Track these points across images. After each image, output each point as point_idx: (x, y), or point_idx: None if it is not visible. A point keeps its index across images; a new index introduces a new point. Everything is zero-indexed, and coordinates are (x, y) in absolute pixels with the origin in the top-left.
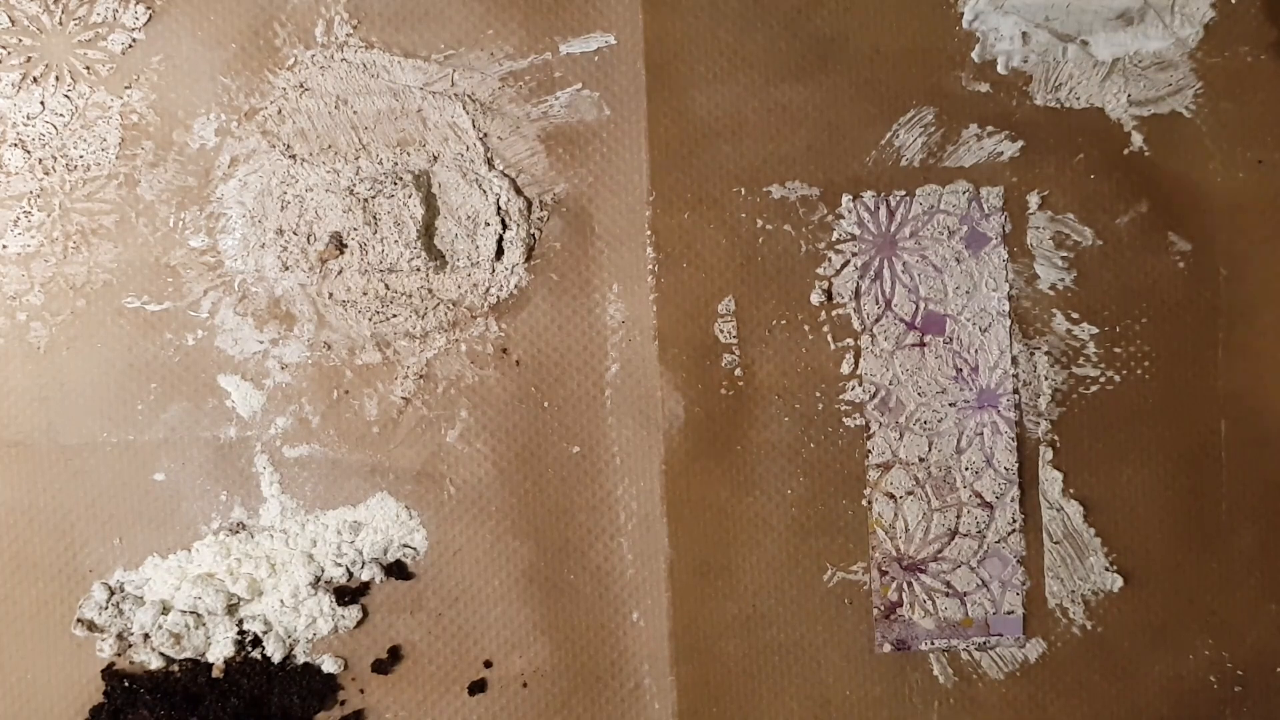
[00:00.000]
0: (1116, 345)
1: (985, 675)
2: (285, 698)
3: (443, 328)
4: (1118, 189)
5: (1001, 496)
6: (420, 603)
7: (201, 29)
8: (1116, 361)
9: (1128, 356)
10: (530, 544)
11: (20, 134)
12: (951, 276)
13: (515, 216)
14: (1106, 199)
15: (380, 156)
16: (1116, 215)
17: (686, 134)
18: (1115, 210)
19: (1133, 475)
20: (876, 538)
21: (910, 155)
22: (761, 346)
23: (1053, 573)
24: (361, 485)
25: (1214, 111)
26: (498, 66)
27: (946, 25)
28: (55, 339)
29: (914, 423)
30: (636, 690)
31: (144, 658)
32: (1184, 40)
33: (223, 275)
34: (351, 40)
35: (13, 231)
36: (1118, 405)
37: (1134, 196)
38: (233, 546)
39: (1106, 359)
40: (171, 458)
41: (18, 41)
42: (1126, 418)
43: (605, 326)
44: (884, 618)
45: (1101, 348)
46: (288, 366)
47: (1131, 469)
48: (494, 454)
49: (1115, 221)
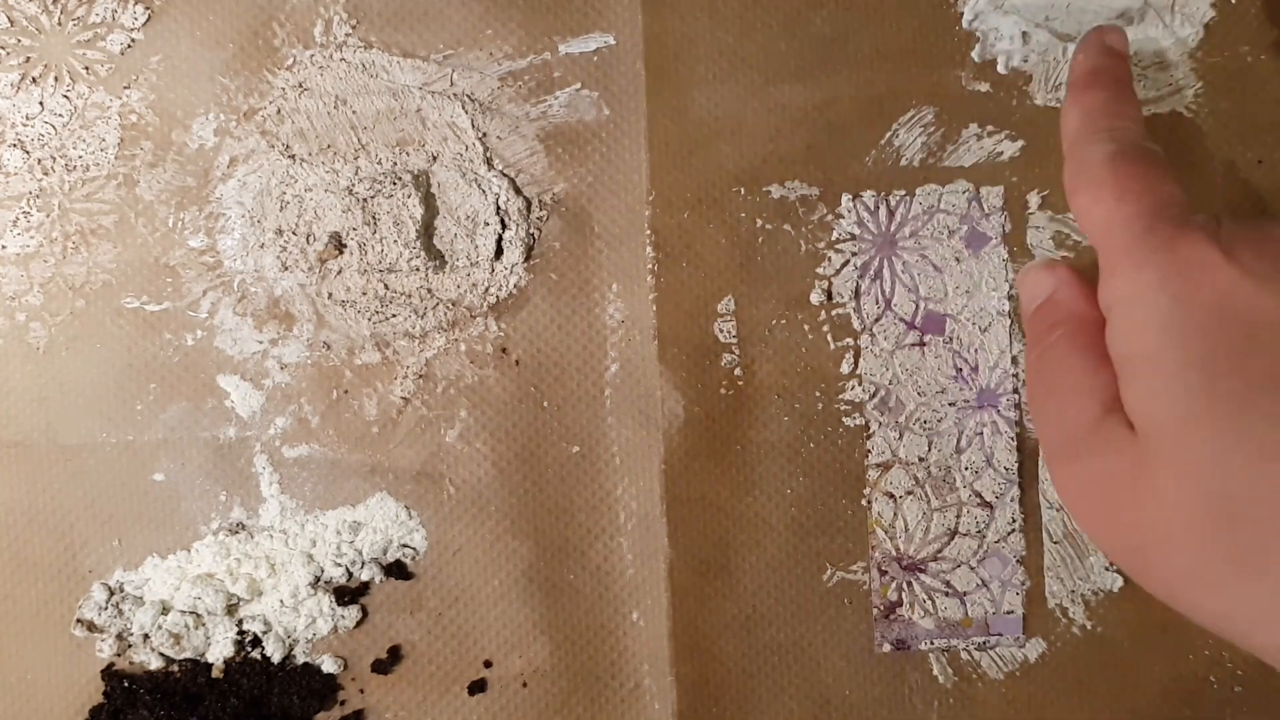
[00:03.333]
0: None
1: (985, 675)
2: (285, 698)
3: (442, 328)
4: None
5: (1001, 496)
6: (420, 603)
7: (200, 29)
8: None
9: None
10: (530, 544)
11: (19, 134)
12: (951, 276)
13: (515, 216)
14: None
15: (379, 156)
16: None
17: (686, 134)
18: None
19: None
20: (876, 537)
21: (910, 155)
22: (761, 346)
23: (1053, 573)
24: (361, 485)
25: (1214, 111)
26: (497, 66)
27: (946, 25)
28: (54, 339)
29: (914, 422)
30: (636, 690)
31: (144, 658)
32: (1184, 40)
33: (222, 275)
34: (350, 40)
35: (12, 232)
36: None
37: None
38: (232, 547)
39: None
40: (171, 458)
41: (16, 42)
42: None
43: (605, 326)
44: (884, 617)
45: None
46: (287, 366)
47: None
48: (494, 454)
49: None
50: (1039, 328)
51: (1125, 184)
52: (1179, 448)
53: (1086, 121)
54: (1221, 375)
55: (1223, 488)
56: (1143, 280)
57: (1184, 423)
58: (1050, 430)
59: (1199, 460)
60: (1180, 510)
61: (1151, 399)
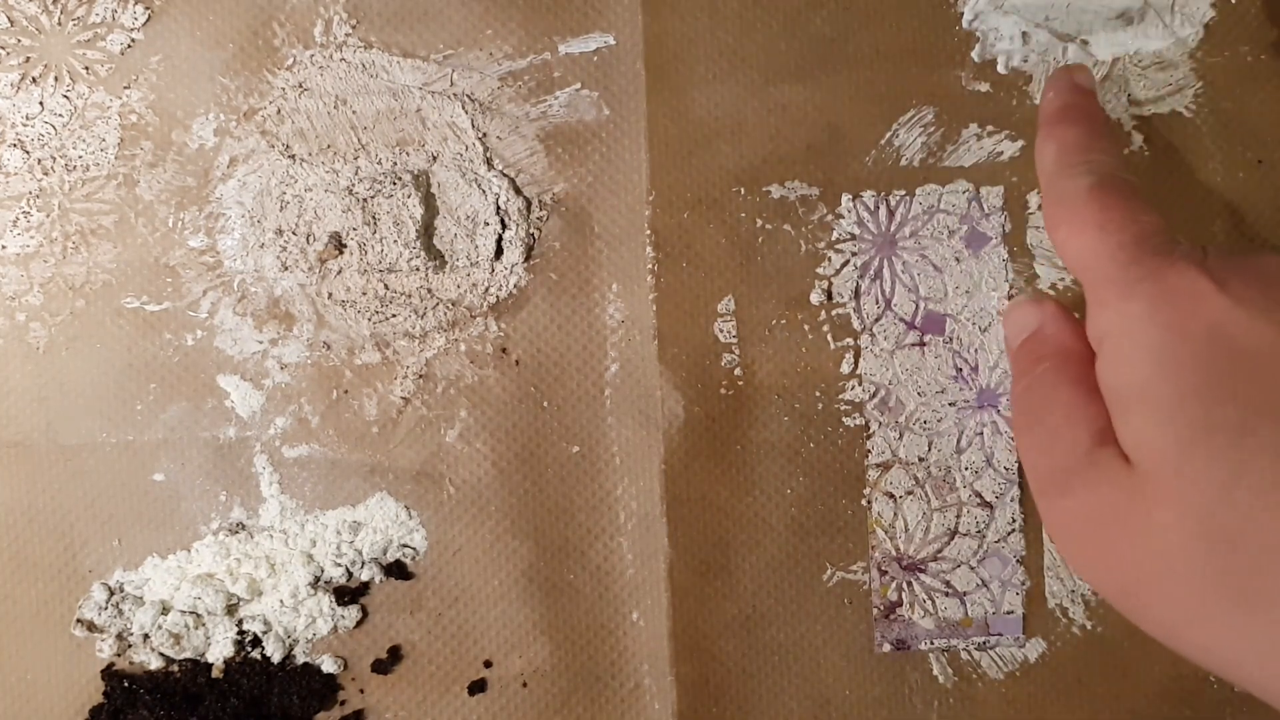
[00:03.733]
0: None
1: (985, 675)
2: (285, 698)
3: (442, 327)
4: None
5: (1001, 496)
6: (420, 603)
7: (200, 29)
8: None
9: None
10: (530, 544)
11: (19, 134)
12: (951, 276)
13: (515, 216)
14: None
15: (379, 156)
16: None
17: (686, 134)
18: None
19: None
20: (876, 537)
21: (910, 155)
22: (761, 346)
23: (1053, 573)
24: (361, 485)
25: (1214, 111)
26: (497, 66)
27: (946, 25)
28: (54, 339)
29: (914, 422)
30: (636, 690)
31: (144, 658)
32: (1184, 40)
33: (222, 275)
34: (350, 40)
35: (12, 232)
36: None
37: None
38: (232, 547)
39: None
40: (171, 458)
41: (16, 42)
42: None
43: (605, 326)
44: (884, 617)
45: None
46: (287, 366)
47: None
48: (494, 454)
49: None
50: (1026, 361)
51: (1107, 214)
52: (1177, 478)
53: (1062, 155)
54: (1218, 404)
55: (1223, 518)
56: (1132, 311)
57: (1182, 452)
58: (1039, 463)
59: (1198, 490)
60: (1178, 542)
61: (1147, 429)
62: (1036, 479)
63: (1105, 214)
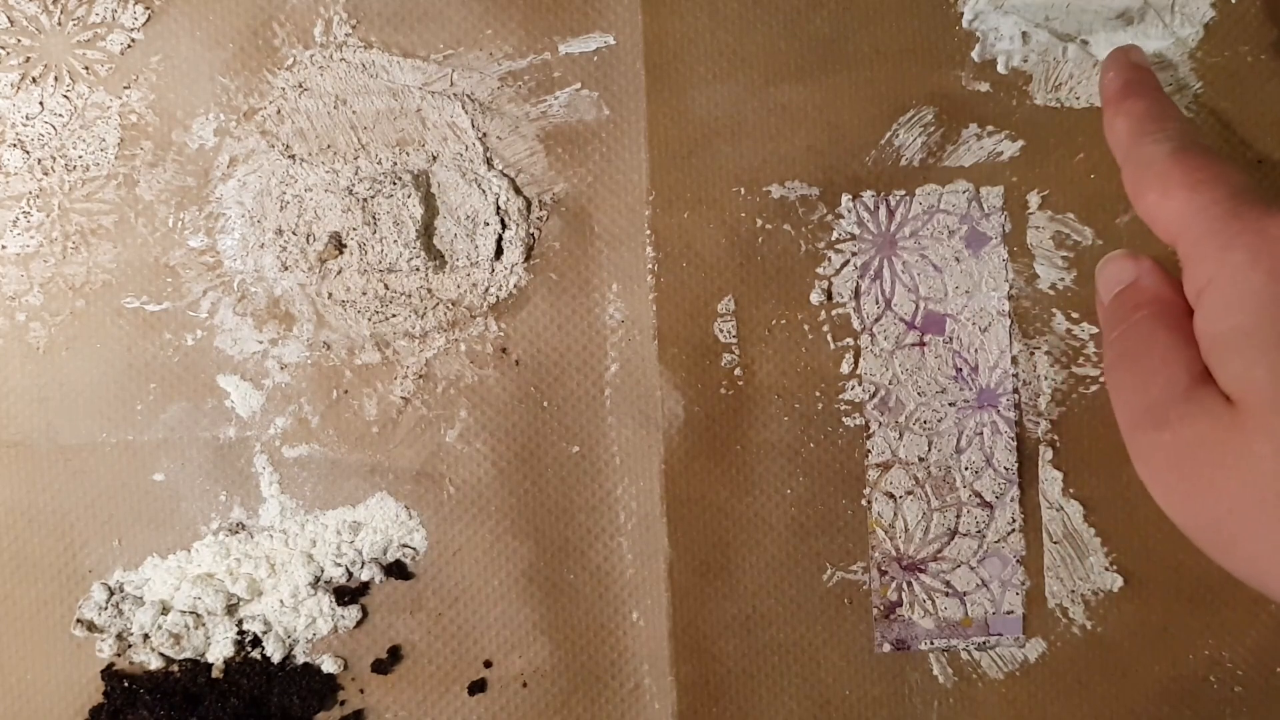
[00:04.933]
0: None
1: (985, 675)
2: (285, 698)
3: (442, 327)
4: (1118, 189)
5: (1001, 496)
6: (420, 603)
7: (200, 29)
8: None
9: None
10: (530, 544)
11: (19, 134)
12: (951, 276)
13: (514, 216)
14: (1106, 199)
15: (379, 156)
16: (1116, 215)
17: (686, 134)
18: (1115, 210)
19: (1133, 475)
20: (876, 537)
21: (910, 155)
22: (761, 346)
23: (1053, 573)
24: (361, 485)
25: (1214, 111)
26: (497, 66)
27: (946, 25)
28: (54, 339)
29: (914, 422)
30: (636, 690)
31: (144, 658)
32: (1184, 40)
33: (222, 275)
34: (350, 40)
35: (12, 232)
36: None
37: None
38: (232, 547)
39: None
40: (171, 458)
41: (16, 42)
42: None
43: (605, 326)
44: (884, 617)
45: (1102, 347)
46: (287, 366)
47: (1132, 469)
48: (494, 454)
49: (1115, 221)
50: (1121, 310)
51: (1195, 175)
52: (1276, 412)
53: (1136, 126)
54: None
55: None
56: (1234, 260)
57: None
58: (1133, 399)
59: None
60: (1274, 471)
61: (1250, 368)
62: (1130, 414)
63: (1193, 175)
